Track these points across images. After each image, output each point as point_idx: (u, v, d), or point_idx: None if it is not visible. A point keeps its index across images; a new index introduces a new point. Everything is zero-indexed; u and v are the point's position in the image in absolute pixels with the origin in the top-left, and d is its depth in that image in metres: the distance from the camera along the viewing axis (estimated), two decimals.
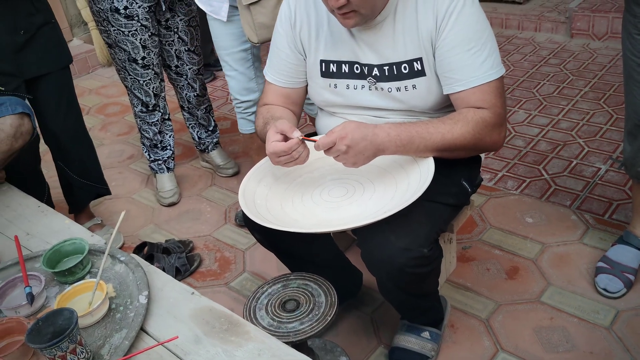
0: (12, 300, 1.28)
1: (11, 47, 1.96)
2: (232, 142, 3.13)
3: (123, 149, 3.26)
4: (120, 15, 2.27)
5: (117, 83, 4.23)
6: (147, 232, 2.49)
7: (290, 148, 1.35)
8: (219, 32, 2.22)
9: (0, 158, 1.67)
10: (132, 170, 3.03)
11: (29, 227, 1.59)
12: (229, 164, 2.83)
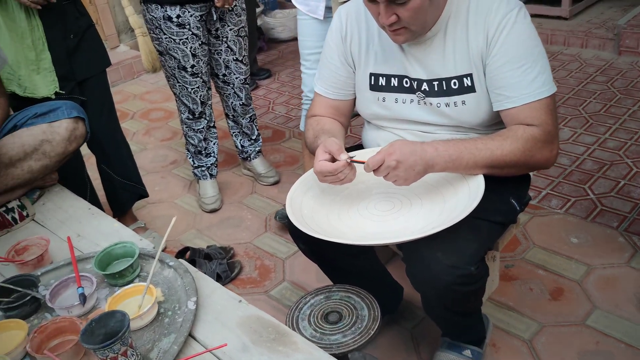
0: (64, 300, 1.31)
1: (64, 51, 2.03)
2: (273, 151, 3.16)
3: (166, 154, 3.32)
4: (172, 24, 2.32)
5: (161, 89, 4.32)
6: (189, 237, 2.52)
7: (336, 169, 1.36)
8: (311, 31, 2.31)
9: (55, 160, 1.72)
10: (174, 175, 3.08)
11: (80, 229, 1.63)
12: (270, 172, 2.85)
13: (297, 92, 3.89)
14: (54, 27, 1.97)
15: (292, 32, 4.89)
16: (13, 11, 1.87)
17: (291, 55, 4.61)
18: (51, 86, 1.98)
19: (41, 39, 1.94)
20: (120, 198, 2.41)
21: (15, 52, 1.89)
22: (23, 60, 1.91)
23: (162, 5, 2.31)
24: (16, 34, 1.88)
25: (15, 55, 1.90)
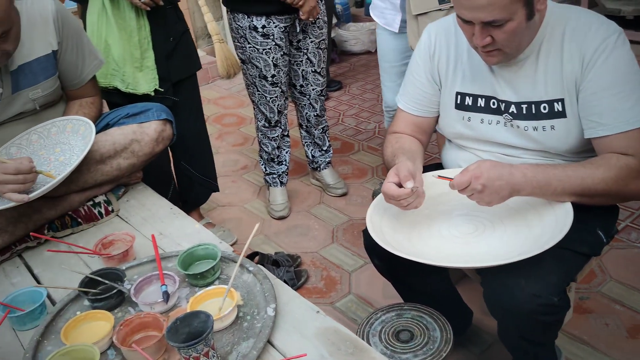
0: (147, 296, 1.35)
1: (164, 53, 2.12)
2: (342, 162, 3.17)
3: (237, 159, 3.39)
4: (257, 33, 2.37)
5: (234, 95, 4.42)
6: (257, 242, 2.56)
7: (399, 196, 1.36)
8: (387, 45, 2.44)
9: (142, 160, 1.79)
10: (245, 180, 3.14)
11: (162, 228, 1.68)
12: (339, 184, 2.86)
13: (367, 106, 3.90)
14: (157, 29, 2.07)
15: (365, 45, 4.91)
16: (124, 10, 1.97)
17: (362, 69, 4.63)
18: (152, 83, 2.08)
19: (147, 38, 2.03)
20: (196, 193, 2.49)
21: (122, 49, 1.99)
22: (129, 58, 2.01)
23: (248, 15, 2.37)
24: (125, 32, 1.98)
25: (122, 53, 2.00)
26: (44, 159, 1.66)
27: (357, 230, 2.56)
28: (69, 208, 1.72)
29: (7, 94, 1.62)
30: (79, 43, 1.75)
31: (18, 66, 1.62)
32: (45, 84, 1.69)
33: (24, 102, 1.67)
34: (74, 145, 1.65)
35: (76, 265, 1.54)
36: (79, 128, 1.66)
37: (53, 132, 1.71)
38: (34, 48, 1.65)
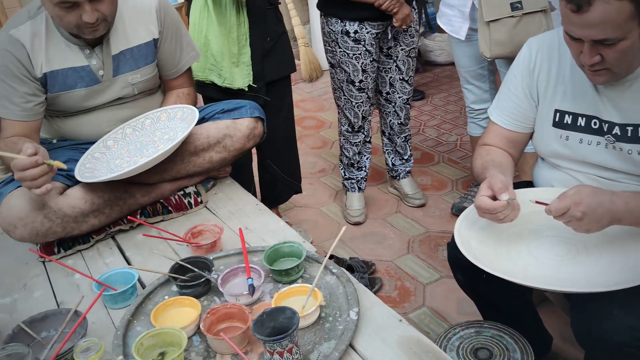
0: (233, 287, 1.39)
1: (260, 52, 2.17)
2: (421, 173, 3.14)
3: (316, 161, 3.42)
4: (349, 38, 2.39)
5: (315, 99, 4.47)
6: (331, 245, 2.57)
7: (495, 209, 1.32)
8: (459, 51, 2.48)
9: (233, 155, 1.84)
10: (322, 183, 3.16)
11: (248, 222, 1.72)
12: (418, 194, 2.83)
13: (449, 117, 3.85)
14: (256, 28, 2.13)
15: (450, 56, 4.84)
16: (225, 7, 2.04)
17: (446, 80, 4.57)
18: (246, 79, 2.14)
19: (245, 34, 2.09)
20: (279, 192, 2.52)
21: (221, 44, 2.06)
22: (227, 53, 2.08)
23: (342, 19, 2.39)
24: (224, 28, 2.05)
25: (221, 48, 2.07)
26: (152, 142, 1.74)
27: (433, 243, 2.53)
28: (161, 196, 1.79)
29: (108, 76, 1.72)
30: (177, 34, 1.83)
31: (120, 51, 1.72)
32: (144, 70, 1.78)
33: (123, 86, 1.76)
34: (179, 132, 1.72)
35: (165, 251, 1.60)
36: (187, 117, 1.73)
37: (163, 117, 1.79)
38: (136, 35, 1.74)
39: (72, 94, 1.70)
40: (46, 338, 1.29)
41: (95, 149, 1.75)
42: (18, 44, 1.60)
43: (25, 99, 1.63)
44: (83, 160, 1.67)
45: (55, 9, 1.52)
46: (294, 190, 2.55)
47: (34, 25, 1.62)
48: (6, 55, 1.60)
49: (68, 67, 1.67)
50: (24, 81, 1.62)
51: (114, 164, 1.68)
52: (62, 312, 1.33)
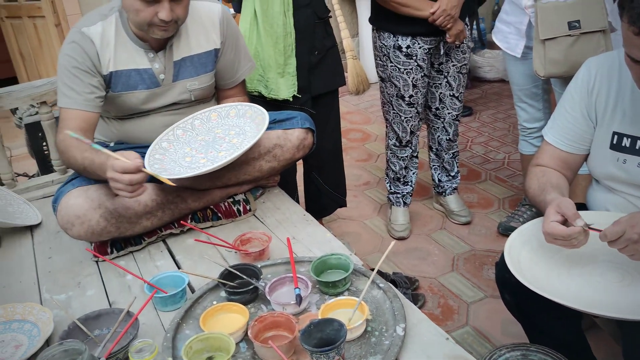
0: (280, 296, 1.40)
1: (307, 65, 2.19)
2: (467, 190, 3.11)
3: (360, 174, 3.42)
4: (401, 53, 2.40)
5: (361, 111, 4.48)
6: (375, 259, 2.57)
7: (569, 235, 1.30)
8: (514, 69, 2.44)
9: (282, 164, 1.86)
10: (366, 196, 3.16)
11: (295, 232, 1.74)
12: (463, 211, 2.80)
13: (497, 135, 3.80)
14: (303, 41, 2.15)
15: (499, 73, 4.79)
16: (273, 18, 2.07)
17: (495, 97, 4.52)
18: (291, 89, 2.16)
19: (291, 45, 2.12)
20: (323, 205, 2.53)
21: (268, 55, 2.09)
22: (273, 64, 2.11)
23: (394, 34, 2.40)
24: (271, 39, 2.08)
25: (268, 59, 2.10)
26: (220, 138, 1.78)
27: (478, 261, 2.49)
28: (211, 202, 1.83)
29: (168, 81, 1.77)
30: (237, 45, 1.88)
31: (181, 57, 1.77)
32: (203, 77, 1.82)
33: (181, 92, 1.81)
34: (247, 132, 1.76)
35: (214, 256, 1.63)
36: (256, 117, 1.76)
37: (232, 113, 1.83)
38: (198, 44, 1.79)
39: (133, 95, 1.75)
40: (99, 336, 1.33)
41: (157, 145, 1.77)
42: (88, 40, 1.66)
43: (89, 90, 1.68)
44: (149, 160, 1.69)
45: (135, 3, 1.56)
46: (338, 204, 2.55)
47: (104, 26, 1.68)
48: (76, 48, 1.66)
49: (132, 69, 1.72)
50: (90, 74, 1.67)
51: (185, 162, 1.71)
52: (114, 311, 1.37)
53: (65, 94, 1.67)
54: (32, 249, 1.83)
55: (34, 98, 2.13)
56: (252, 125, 1.76)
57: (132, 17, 1.62)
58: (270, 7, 2.05)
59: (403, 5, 2.29)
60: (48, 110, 2.17)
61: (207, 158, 1.70)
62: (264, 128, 1.66)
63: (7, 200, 2.05)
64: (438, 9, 2.27)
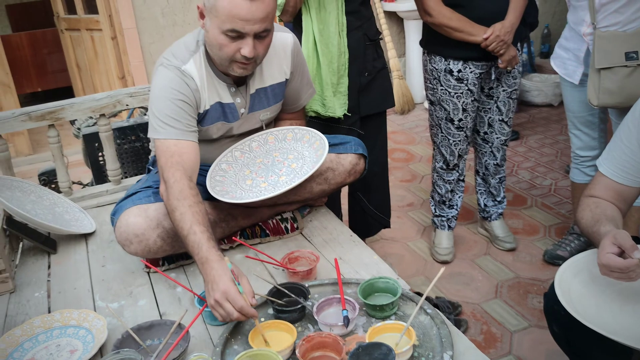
0: (327, 316, 1.41)
1: (357, 86, 2.21)
2: (513, 216, 3.07)
3: (404, 195, 3.42)
4: (452, 77, 2.40)
5: (406, 131, 4.48)
6: (417, 282, 2.56)
7: (627, 267, 1.27)
8: (570, 95, 2.42)
9: (332, 187, 1.88)
10: (410, 217, 3.16)
11: (342, 253, 1.75)
12: (509, 237, 2.77)
13: (544, 161, 3.75)
14: (354, 62, 2.17)
15: (548, 98, 4.73)
16: (329, 38, 2.09)
17: (542, 122, 4.46)
18: (343, 107, 2.18)
19: (344, 64, 2.14)
20: (367, 225, 2.52)
21: (324, 75, 2.12)
22: (328, 83, 2.13)
23: (445, 58, 2.40)
24: (326, 59, 2.11)
25: (324, 78, 2.12)
26: (278, 162, 1.80)
27: (523, 290, 2.46)
28: (260, 219, 1.86)
29: (245, 113, 1.79)
30: (303, 73, 1.89)
31: (255, 90, 1.78)
32: (274, 107, 1.85)
33: (255, 122, 1.84)
34: (306, 156, 1.77)
35: (262, 273, 1.66)
36: (314, 142, 1.79)
37: (289, 137, 1.85)
38: (270, 75, 1.79)
39: (215, 126, 1.77)
40: (150, 346, 1.37)
41: (217, 167, 1.81)
42: (190, 78, 1.66)
43: (193, 123, 1.67)
44: (210, 182, 1.73)
45: (220, 37, 1.55)
46: (382, 225, 2.55)
47: (196, 62, 1.68)
48: (181, 83, 1.65)
49: (217, 102, 1.73)
50: (193, 108, 1.67)
51: (246, 184, 1.74)
52: (166, 323, 1.41)
53: (171, 125, 1.63)
54: (87, 256, 1.90)
55: (94, 110, 2.22)
56: (310, 150, 1.78)
57: (215, 51, 1.61)
58: (326, 27, 2.08)
59: (456, 30, 2.30)
60: (106, 122, 2.25)
61: (268, 182, 1.72)
62: (325, 154, 1.67)
63: (64, 207, 2.13)
64: (491, 35, 2.27)
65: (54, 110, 2.18)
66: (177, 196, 1.53)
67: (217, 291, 1.33)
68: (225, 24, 1.52)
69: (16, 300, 1.68)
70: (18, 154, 4.57)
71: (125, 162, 2.57)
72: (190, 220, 1.48)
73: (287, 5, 2.04)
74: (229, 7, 1.50)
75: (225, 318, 1.34)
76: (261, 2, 1.51)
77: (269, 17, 1.56)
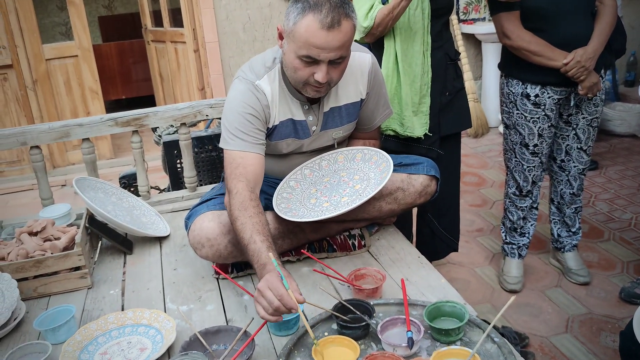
0: (391, 336, 1.40)
1: (437, 106, 2.19)
2: (588, 248, 2.95)
3: (474, 219, 3.35)
4: (528, 101, 2.35)
5: (478, 155, 4.41)
6: (482, 310, 2.50)
7: None
8: None
9: (401, 207, 1.87)
10: (478, 243, 3.09)
11: (408, 274, 1.74)
12: (582, 271, 2.66)
13: (625, 193, 3.58)
14: (435, 82, 2.16)
15: (631, 127, 4.54)
16: (412, 57, 2.10)
17: (624, 152, 4.28)
18: (424, 127, 2.16)
19: (427, 84, 2.13)
20: (436, 248, 2.49)
21: (404, 94, 2.12)
22: (409, 102, 2.13)
23: (523, 82, 2.36)
24: (408, 78, 2.11)
25: (405, 97, 2.12)
26: (344, 182, 1.81)
27: (595, 326, 2.35)
28: (327, 234, 1.87)
29: (317, 131, 1.82)
30: (379, 93, 1.89)
31: (330, 108, 1.80)
32: (347, 126, 1.87)
33: (327, 140, 1.87)
34: (371, 178, 1.77)
35: (327, 287, 1.67)
36: (381, 163, 1.79)
37: (357, 157, 1.86)
38: (345, 94, 1.81)
39: (285, 142, 1.80)
40: (216, 351, 1.40)
41: (286, 184, 1.85)
42: (262, 93, 1.70)
43: (261, 136, 1.72)
44: (277, 199, 1.77)
45: (295, 61, 1.59)
46: (451, 248, 2.51)
47: (270, 78, 1.73)
48: (253, 98, 1.69)
49: (289, 118, 1.76)
50: (262, 123, 1.72)
51: (310, 203, 1.77)
52: (232, 329, 1.44)
53: (239, 137, 1.67)
54: (160, 259, 1.97)
55: (176, 119, 2.31)
56: (376, 172, 1.78)
57: (289, 73, 1.64)
58: (410, 46, 2.08)
59: (535, 54, 2.26)
60: (186, 131, 2.34)
61: (330, 202, 1.74)
62: (387, 178, 1.66)
63: (141, 210, 2.22)
64: (572, 60, 2.21)
65: (139, 117, 2.29)
66: (238, 207, 1.57)
67: (261, 283, 1.36)
68: (301, 50, 1.55)
69: (93, 296, 1.77)
70: (100, 157, 4.81)
71: (201, 171, 2.66)
72: (250, 230, 1.51)
73: (374, 29, 2.05)
74: (306, 35, 1.53)
75: (266, 309, 1.33)
76: (338, 31, 1.53)
77: (345, 46, 1.57)
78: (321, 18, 1.51)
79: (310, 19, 1.52)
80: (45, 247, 1.82)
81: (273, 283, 1.34)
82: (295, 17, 1.55)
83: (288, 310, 1.34)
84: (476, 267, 2.86)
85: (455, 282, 2.69)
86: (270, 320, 1.35)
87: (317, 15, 1.52)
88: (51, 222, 1.96)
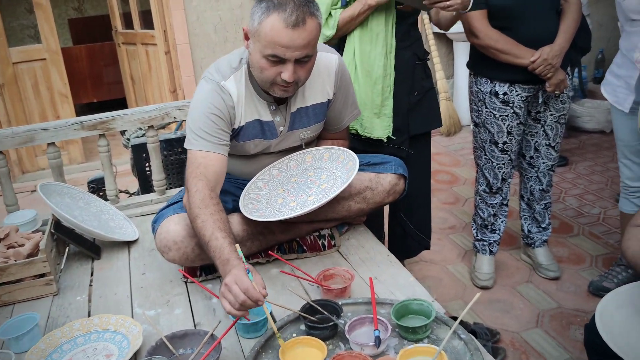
0: (358, 336, 1.40)
1: (405, 106, 2.20)
2: (558, 244, 2.99)
3: (446, 217, 3.38)
4: (497, 99, 2.37)
5: (450, 153, 4.44)
6: (454, 306, 2.51)
7: None
8: (620, 124, 2.35)
9: (370, 207, 1.88)
10: (451, 240, 3.11)
11: (377, 272, 1.74)
12: (552, 266, 2.69)
13: (593, 188, 3.64)
14: (402, 82, 2.17)
15: (600, 124, 4.61)
16: (374, 59, 2.10)
17: (592, 148, 4.34)
18: (386, 130, 2.17)
19: (390, 86, 2.14)
20: (408, 246, 2.50)
21: (365, 95, 2.12)
22: (369, 103, 2.13)
23: (491, 80, 2.38)
24: (370, 79, 2.11)
25: (365, 98, 2.13)
26: (311, 181, 1.81)
27: (565, 320, 2.38)
28: (297, 235, 1.87)
29: (284, 131, 1.81)
30: (347, 94, 1.89)
31: (297, 108, 1.80)
32: (315, 126, 1.86)
33: (294, 140, 1.86)
34: (338, 177, 1.78)
35: (296, 288, 1.66)
36: (348, 162, 1.79)
37: (325, 157, 1.86)
38: (313, 95, 1.80)
39: (252, 143, 1.79)
40: (183, 355, 1.39)
41: (253, 185, 1.84)
42: (227, 94, 1.69)
43: (225, 136, 1.70)
44: (244, 200, 1.77)
45: (262, 60, 1.58)
46: (423, 246, 2.52)
47: (236, 79, 1.71)
48: (218, 98, 1.68)
49: (256, 119, 1.75)
50: (226, 124, 1.70)
51: (277, 203, 1.76)
52: (199, 333, 1.43)
53: (202, 137, 1.66)
54: (128, 263, 1.95)
55: (143, 122, 2.29)
56: (343, 171, 1.78)
57: (256, 73, 1.64)
58: (373, 48, 2.08)
59: (503, 52, 2.28)
60: (154, 134, 2.32)
61: (297, 201, 1.74)
62: (352, 177, 1.67)
63: (109, 215, 2.19)
64: (539, 58, 2.23)
65: (106, 121, 2.26)
66: (198, 204, 1.56)
67: (227, 277, 1.35)
68: (267, 49, 1.55)
69: (59, 303, 1.74)
70: (72, 161, 4.74)
71: (171, 173, 2.64)
72: (212, 227, 1.50)
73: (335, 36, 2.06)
74: (271, 33, 1.52)
75: (233, 304, 1.31)
76: (303, 30, 1.52)
77: (311, 44, 1.57)
78: (285, 17, 1.51)
79: (274, 18, 1.52)
80: (9, 254, 1.79)
81: (240, 277, 1.33)
82: (259, 16, 1.55)
83: (255, 304, 1.32)
84: (448, 264, 2.88)
85: (427, 280, 2.71)
86: (236, 315, 1.34)
87: (281, 14, 1.51)
88: (15, 229, 1.93)
